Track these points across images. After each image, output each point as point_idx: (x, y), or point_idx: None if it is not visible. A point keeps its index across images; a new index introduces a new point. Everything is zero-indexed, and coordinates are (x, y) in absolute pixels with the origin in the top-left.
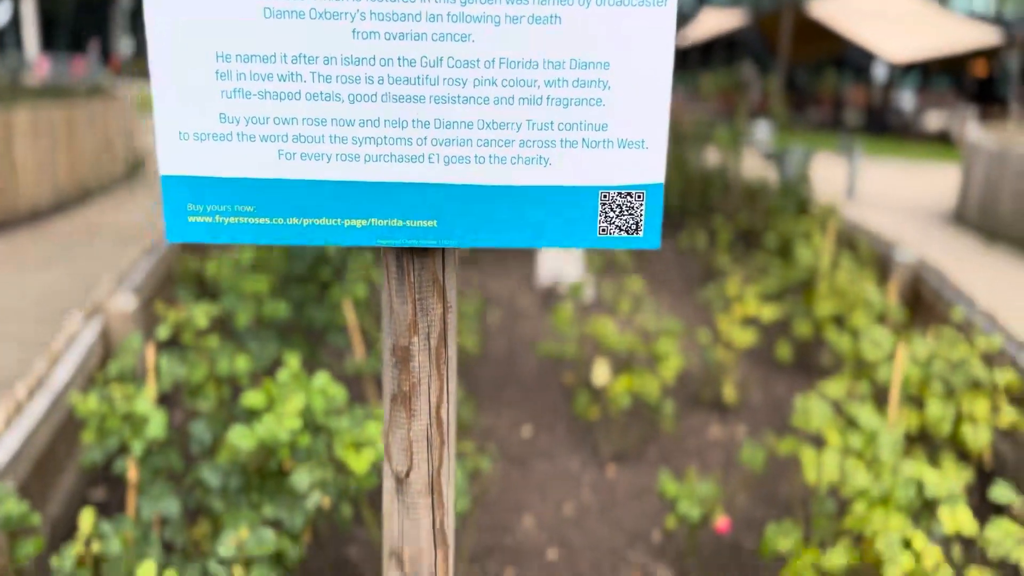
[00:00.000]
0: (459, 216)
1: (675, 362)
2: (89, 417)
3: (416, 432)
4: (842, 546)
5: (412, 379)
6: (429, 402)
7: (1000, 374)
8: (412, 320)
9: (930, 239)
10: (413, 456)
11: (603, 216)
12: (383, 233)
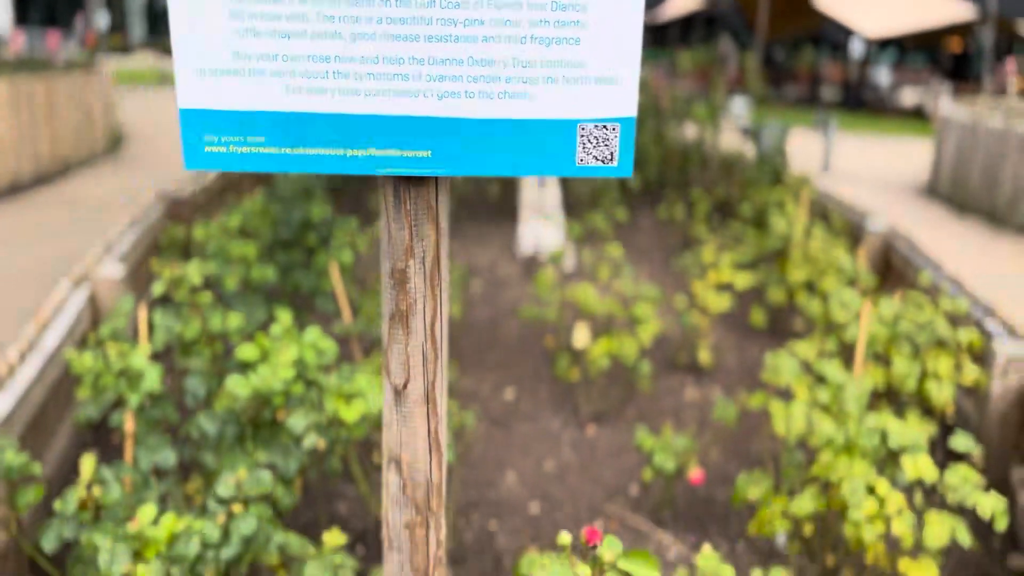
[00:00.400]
0: (451, 147)
1: (652, 326)
2: (84, 374)
3: (412, 348)
4: (809, 493)
5: (409, 299)
6: (424, 321)
7: (964, 334)
8: (408, 245)
9: (902, 211)
10: (410, 370)
11: (581, 147)
12: (382, 162)
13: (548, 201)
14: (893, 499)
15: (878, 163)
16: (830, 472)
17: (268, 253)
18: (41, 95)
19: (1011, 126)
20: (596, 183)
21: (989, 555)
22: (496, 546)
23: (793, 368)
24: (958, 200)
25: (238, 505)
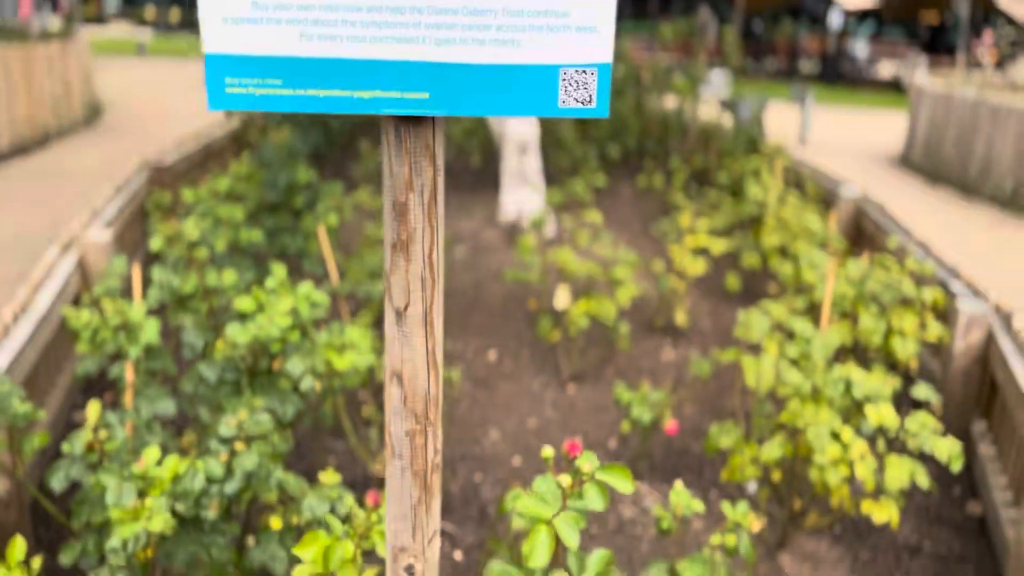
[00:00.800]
0: (448, 89)
1: (630, 288)
2: (82, 329)
3: (412, 274)
4: (777, 440)
5: (408, 230)
6: (423, 249)
7: (928, 292)
8: (408, 179)
9: (876, 181)
10: (410, 294)
11: (563, 90)
12: (385, 103)
13: (529, 169)
14: (857, 445)
15: (854, 135)
16: (797, 419)
17: (255, 217)
18: (18, 64)
19: (983, 97)
20: (576, 153)
21: (950, 502)
22: (481, 496)
23: (763, 324)
24: (931, 170)
25: (240, 443)
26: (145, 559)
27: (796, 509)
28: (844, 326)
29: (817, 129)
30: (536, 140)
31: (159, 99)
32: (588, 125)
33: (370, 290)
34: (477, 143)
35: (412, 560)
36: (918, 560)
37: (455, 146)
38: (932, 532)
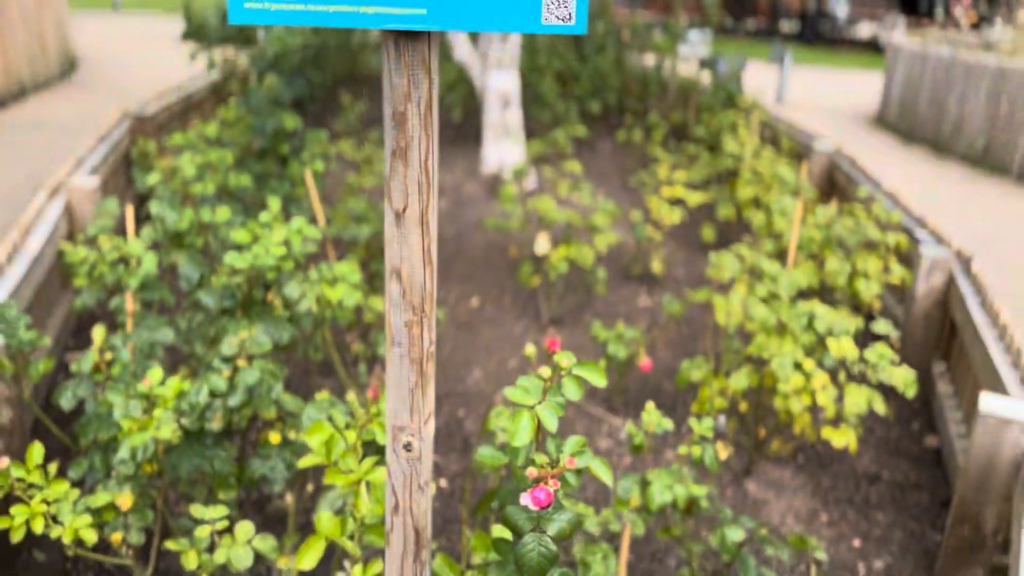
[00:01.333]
0: (443, 6)
1: (608, 235)
2: (79, 264)
3: (410, 179)
4: (744, 371)
5: (407, 137)
6: (419, 155)
7: (892, 236)
8: (407, 91)
9: (851, 139)
10: (408, 197)
11: (546, 8)
12: (387, 19)
13: (511, 122)
14: (819, 376)
15: (832, 94)
16: (763, 351)
17: (242, 163)
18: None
19: (958, 56)
20: (557, 108)
21: (909, 436)
22: (464, 430)
23: (734, 265)
24: (905, 129)
25: (241, 361)
26: (151, 471)
27: (761, 437)
28: (811, 268)
29: (796, 89)
30: (518, 94)
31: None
32: (569, 82)
33: (356, 233)
34: (458, 97)
35: (410, 438)
36: (876, 487)
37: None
38: (891, 463)
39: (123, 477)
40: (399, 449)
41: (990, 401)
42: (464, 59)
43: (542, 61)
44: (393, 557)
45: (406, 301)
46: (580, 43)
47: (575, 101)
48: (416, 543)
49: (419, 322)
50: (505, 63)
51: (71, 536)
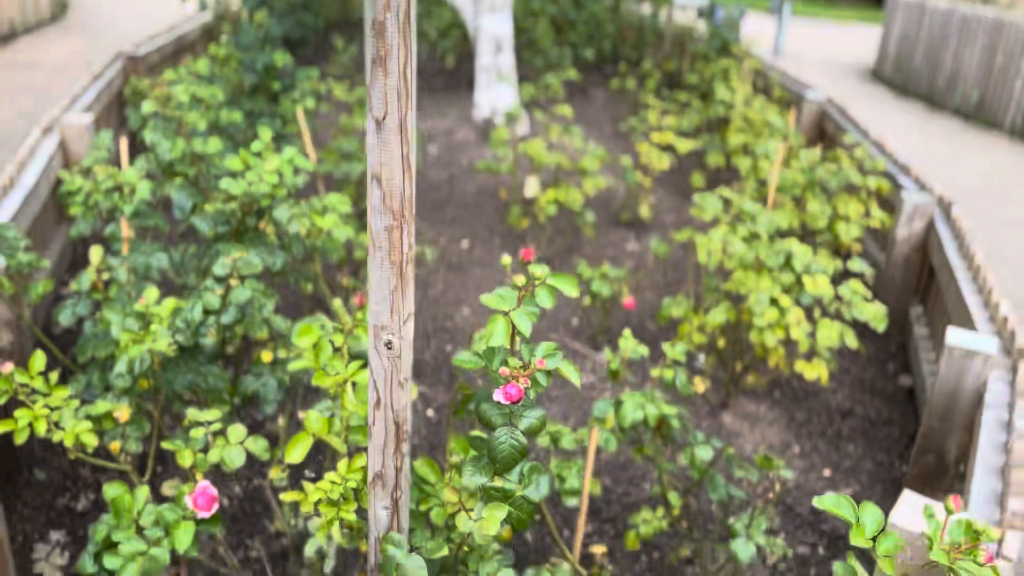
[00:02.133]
0: None
1: (597, 180)
2: (76, 193)
3: (390, 87)
4: (722, 307)
5: (386, 46)
6: (399, 64)
7: (872, 180)
8: (386, 1)
9: (846, 91)
10: (388, 105)
11: None
12: None
13: (504, 66)
14: (794, 312)
15: (831, 48)
16: (740, 287)
17: (234, 100)
18: None
19: (955, 8)
20: (551, 55)
21: (884, 376)
22: (451, 364)
23: (716, 205)
24: (900, 82)
25: (234, 280)
26: (147, 387)
27: (737, 371)
28: (792, 210)
29: (794, 42)
30: (510, 38)
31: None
32: (564, 28)
33: (348, 171)
34: (451, 43)
35: (390, 337)
36: (848, 421)
37: (428, 45)
38: (864, 399)
39: (120, 390)
40: (380, 347)
41: (956, 335)
42: (457, 2)
43: (536, 6)
44: (375, 449)
45: (386, 206)
46: None
47: (570, 48)
48: (396, 436)
49: (399, 227)
50: (498, 6)
51: (72, 440)
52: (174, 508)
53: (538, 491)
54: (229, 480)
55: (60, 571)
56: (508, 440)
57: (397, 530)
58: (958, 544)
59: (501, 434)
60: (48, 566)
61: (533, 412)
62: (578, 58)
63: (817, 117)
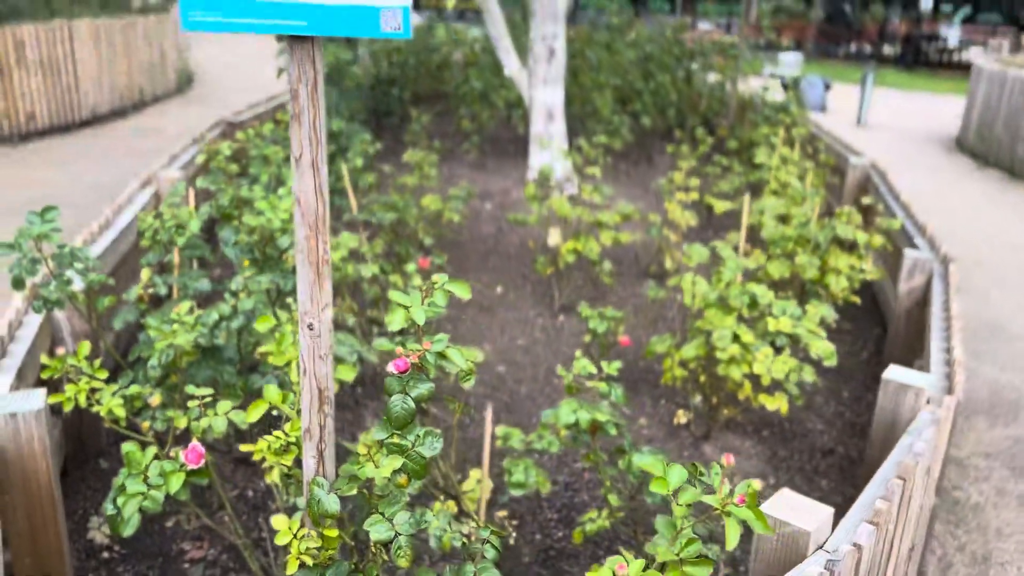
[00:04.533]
0: (318, 20)
1: (617, 233)
2: (147, 229)
3: (303, 134)
4: (695, 342)
5: (300, 106)
6: (309, 118)
7: (861, 236)
8: (299, 74)
9: (926, 160)
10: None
11: (383, 20)
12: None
13: (555, 133)
14: (764, 350)
15: (920, 119)
16: (709, 325)
17: None
18: (119, 35)
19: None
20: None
21: None
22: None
23: (703, 252)
24: (982, 152)
25: (243, 295)
26: (175, 380)
27: (713, 403)
28: (785, 264)
29: (885, 112)
30: (561, 107)
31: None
32: (632, 98)
33: (382, 218)
34: (521, 113)
35: (312, 320)
36: (828, 459)
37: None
38: (851, 442)
39: (153, 380)
40: (305, 328)
41: (893, 371)
42: (514, 75)
43: (602, 79)
44: (304, 408)
45: (304, 221)
46: (647, 63)
47: (630, 116)
48: (319, 399)
49: (314, 236)
50: (550, 79)
51: (106, 411)
52: (173, 463)
53: (430, 449)
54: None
55: (108, 538)
56: (400, 404)
57: (323, 476)
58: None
59: (396, 400)
60: (99, 533)
61: (424, 384)
62: (636, 124)
63: (862, 180)
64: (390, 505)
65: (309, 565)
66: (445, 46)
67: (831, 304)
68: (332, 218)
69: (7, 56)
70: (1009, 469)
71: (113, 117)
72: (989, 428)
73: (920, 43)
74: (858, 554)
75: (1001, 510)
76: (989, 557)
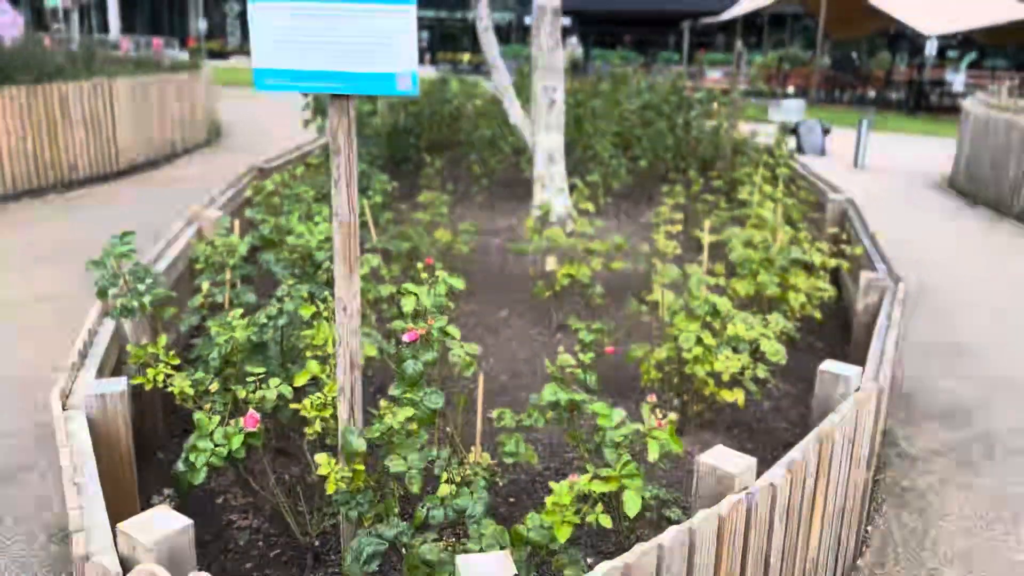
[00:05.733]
0: (350, 82)
1: (606, 260)
2: (201, 254)
3: (339, 163)
4: (666, 346)
5: (338, 145)
6: (344, 156)
7: (818, 257)
8: (337, 121)
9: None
10: (340, 172)
11: (398, 82)
12: (325, 88)
13: (556, 175)
14: (725, 352)
15: (918, 162)
16: (676, 330)
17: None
18: (154, 91)
19: (1016, 119)
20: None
21: None
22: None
23: (674, 271)
24: (971, 191)
25: (287, 300)
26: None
27: (686, 400)
28: (750, 283)
29: (885, 155)
30: (561, 151)
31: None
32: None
33: (398, 247)
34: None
35: (345, 303)
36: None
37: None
38: None
39: (213, 370)
40: (341, 311)
41: (828, 364)
42: (519, 123)
43: (602, 125)
44: (340, 372)
45: (340, 229)
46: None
47: (629, 160)
48: (351, 365)
49: (347, 239)
50: (551, 126)
51: (177, 390)
52: (233, 427)
53: (434, 403)
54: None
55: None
56: (412, 366)
57: (352, 424)
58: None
59: (409, 364)
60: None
61: (430, 352)
62: (634, 166)
63: (840, 214)
64: (405, 448)
65: (344, 489)
66: (457, 98)
67: (794, 319)
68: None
69: (53, 111)
70: (955, 463)
71: (148, 167)
72: (941, 430)
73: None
74: (771, 491)
75: (942, 496)
76: (927, 532)
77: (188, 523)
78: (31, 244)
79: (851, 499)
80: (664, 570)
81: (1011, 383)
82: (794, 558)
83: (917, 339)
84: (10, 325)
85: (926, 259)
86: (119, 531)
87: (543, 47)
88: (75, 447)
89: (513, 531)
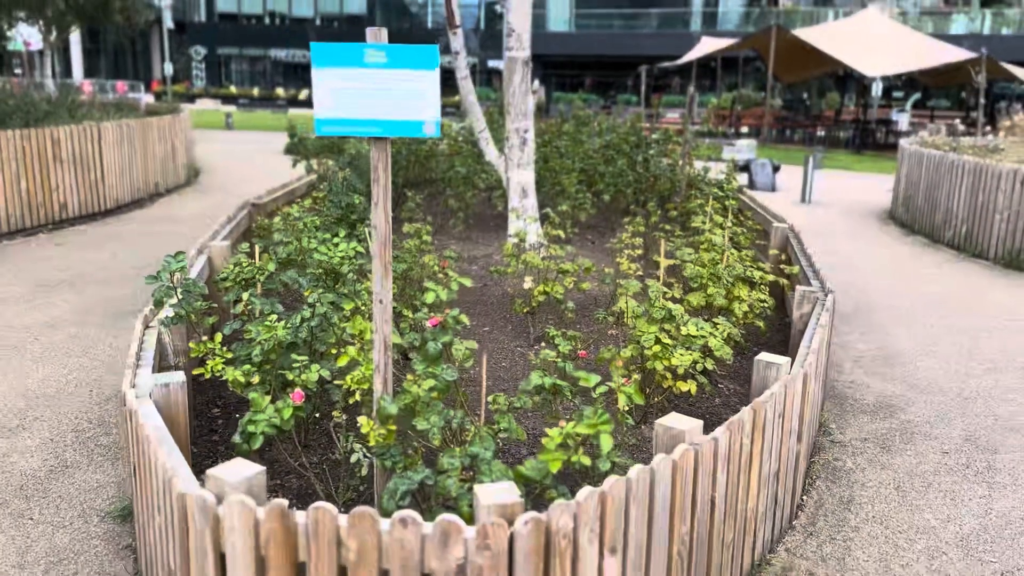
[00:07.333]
0: (386, 127)
1: (576, 280)
2: (229, 274)
3: (379, 191)
4: (631, 347)
5: (378, 174)
6: (382, 188)
7: (757, 273)
8: (378, 156)
9: (861, 230)
10: (377, 197)
11: (425, 127)
12: (367, 132)
13: (529, 207)
14: (680, 350)
15: (862, 196)
16: (638, 333)
17: (327, 227)
18: (138, 134)
19: (945, 156)
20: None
21: None
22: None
23: (636, 285)
24: (909, 222)
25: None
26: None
27: (647, 393)
28: (701, 296)
29: (831, 191)
30: (532, 185)
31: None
32: (595, 180)
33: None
34: (500, 193)
35: (381, 297)
36: None
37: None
38: None
39: (255, 363)
40: (377, 303)
41: (763, 355)
42: (493, 161)
43: (568, 163)
44: (376, 352)
45: (378, 238)
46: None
47: (593, 194)
48: (385, 346)
49: (382, 246)
50: (523, 163)
51: (231, 377)
52: (283, 403)
53: (450, 376)
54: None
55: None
56: (433, 346)
57: (387, 393)
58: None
59: (430, 344)
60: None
61: (445, 336)
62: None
63: (783, 240)
64: (428, 412)
65: (379, 443)
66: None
67: (739, 326)
68: (357, 269)
69: (46, 153)
70: (879, 448)
71: (133, 207)
72: (870, 422)
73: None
74: (714, 444)
75: (867, 473)
76: (852, 499)
77: (262, 469)
78: (32, 278)
79: (785, 464)
80: (632, 498)
81: (931, 385)
82: (736, 504)
83: (853, 350)
84: (28, 348)
85: (861, 282)
86: (208, 475)
87: (516, 93)
88: (152, 424)
89: (515, 471)
